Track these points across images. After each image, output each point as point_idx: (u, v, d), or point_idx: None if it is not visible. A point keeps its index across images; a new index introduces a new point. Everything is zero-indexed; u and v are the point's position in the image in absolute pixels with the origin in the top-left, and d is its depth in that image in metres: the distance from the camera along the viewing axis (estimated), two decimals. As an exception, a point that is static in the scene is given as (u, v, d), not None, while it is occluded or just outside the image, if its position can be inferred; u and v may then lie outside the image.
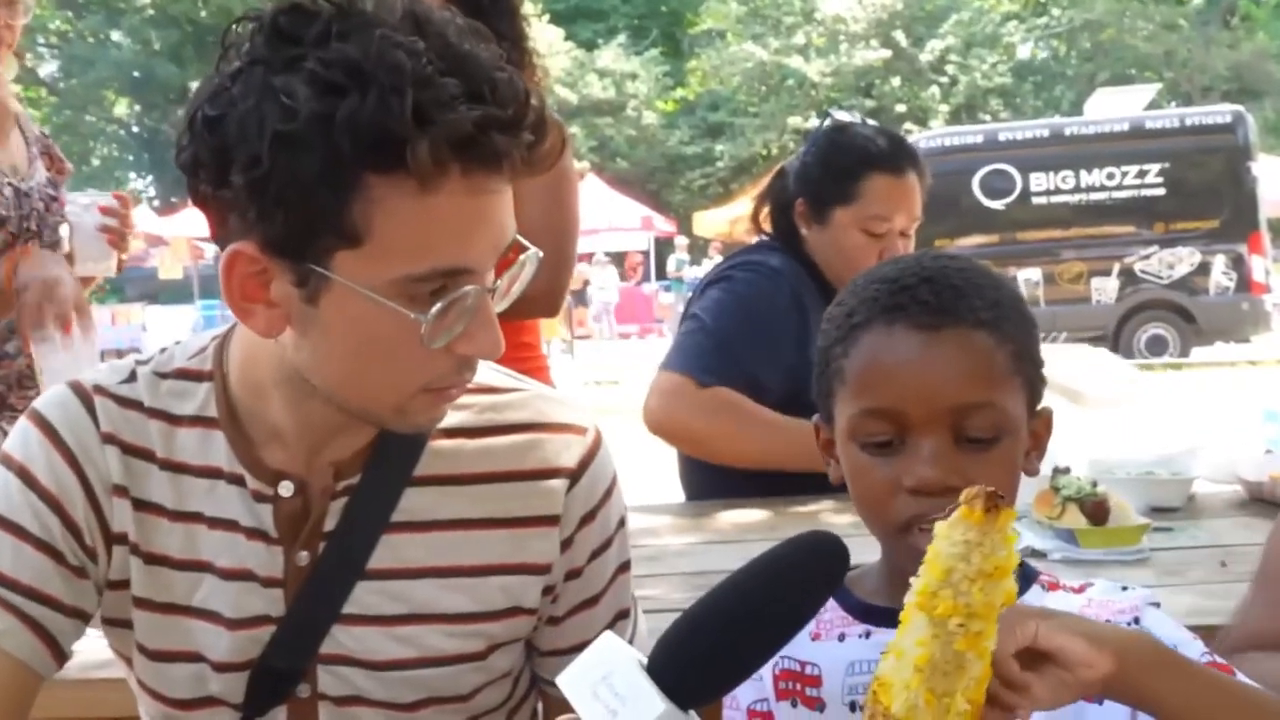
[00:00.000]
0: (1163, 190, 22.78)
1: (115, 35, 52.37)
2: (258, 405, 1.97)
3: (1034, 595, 1.89)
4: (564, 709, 1.86)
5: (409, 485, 2.01)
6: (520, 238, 1.84)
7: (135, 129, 55.70)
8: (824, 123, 4.35)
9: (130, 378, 2.06)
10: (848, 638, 1.88)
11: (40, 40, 49.43)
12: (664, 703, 1.47)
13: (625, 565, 2.19)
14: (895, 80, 49.41)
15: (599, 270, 36.78)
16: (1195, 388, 19.21)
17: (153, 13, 50.76)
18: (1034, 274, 22.81)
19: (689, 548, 3.50)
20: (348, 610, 1.99)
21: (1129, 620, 1.80)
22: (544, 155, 1.77)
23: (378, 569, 1.99)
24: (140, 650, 2.04)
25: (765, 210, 4.36)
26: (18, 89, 4.32)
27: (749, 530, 3.64)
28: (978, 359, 1.79)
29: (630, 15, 56.21)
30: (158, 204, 47.62)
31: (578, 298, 34.31)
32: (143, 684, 2.07)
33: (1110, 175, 22.98)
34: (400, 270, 1.72)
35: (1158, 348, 23.17)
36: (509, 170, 1.73)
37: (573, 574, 2.09)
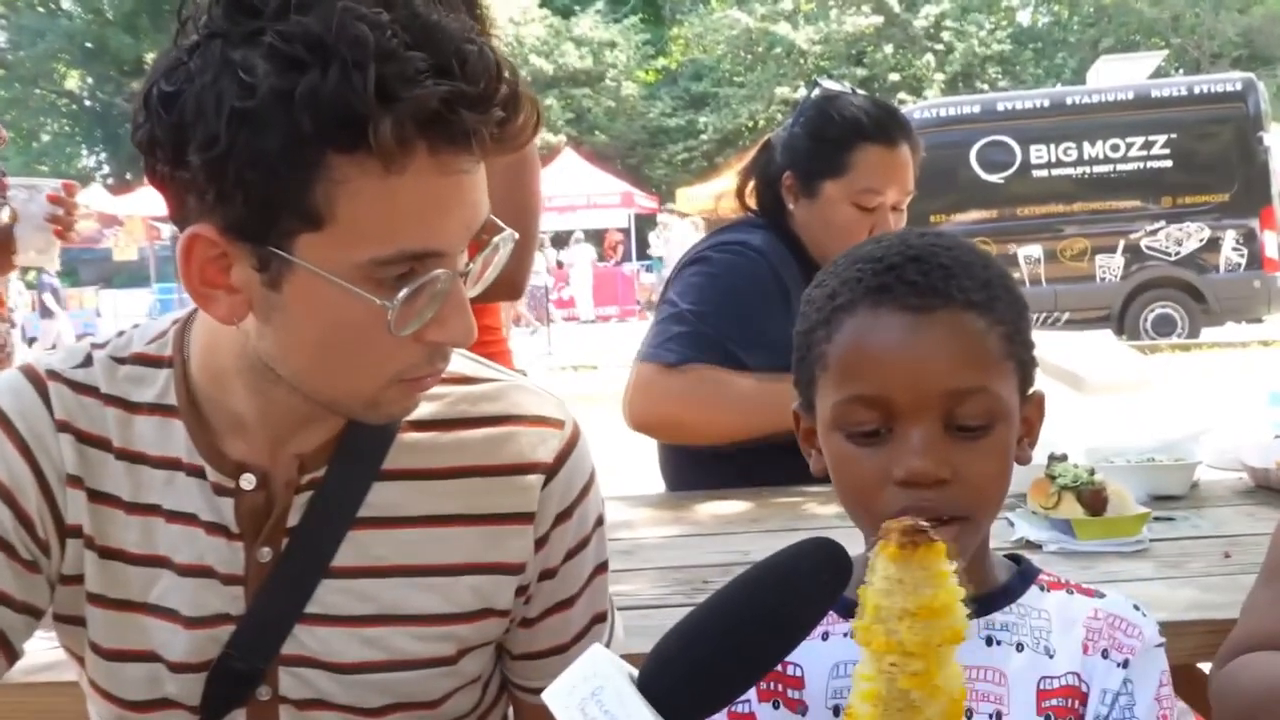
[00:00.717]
0: (1170, 162, 22.75)
1: (65, 3, 52.16)
2: (220, 393, 1.97)
3: (1032, 596, 1.90)
4: (536, 715, 1.87)
5: (377, 479, 2.01)
6: (494, 218, 1.84)
7: (88, 103, 55.54)
8: (812, 93, 4.36)
9: (86, 362, 2.05)
10: (831, 636, 1.87)
11: (-14, 11, 49.29)
12: None
13: (603, 566, 2.19)
14: (888, 47, 49.45)
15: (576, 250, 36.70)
16: (1204, 370, 19.21)
17: (105, -21, 50.60)
18: (1035, 251, 22.79)
19: (667, 541, 3.49)
20: (311, 610, 1.99)
21: (1124, 659, 1.83)
22: (516, 132, 1.75)
23: (343, 567, 1.99)
24: (93, 649, 2.04)
25: (750, 185, 4.36)
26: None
27: (730, 522, 3.64)
28: (969, 342, 1.79)
29: (609, -20, 56.05)
30: (112, 181, 47.54)
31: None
32: (95, 684, 2.07)
33: (1115, 147, 22.94)
34: (366, 254, 1.71)
35: (1165, 328, 23.13)
36: (479, 148, 1.72)
37: (547, 574, 2.10)
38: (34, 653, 2.16)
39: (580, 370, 22.24)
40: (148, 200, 30.14)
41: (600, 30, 52.35)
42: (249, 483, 1.97)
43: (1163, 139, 22.72)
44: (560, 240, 40.83)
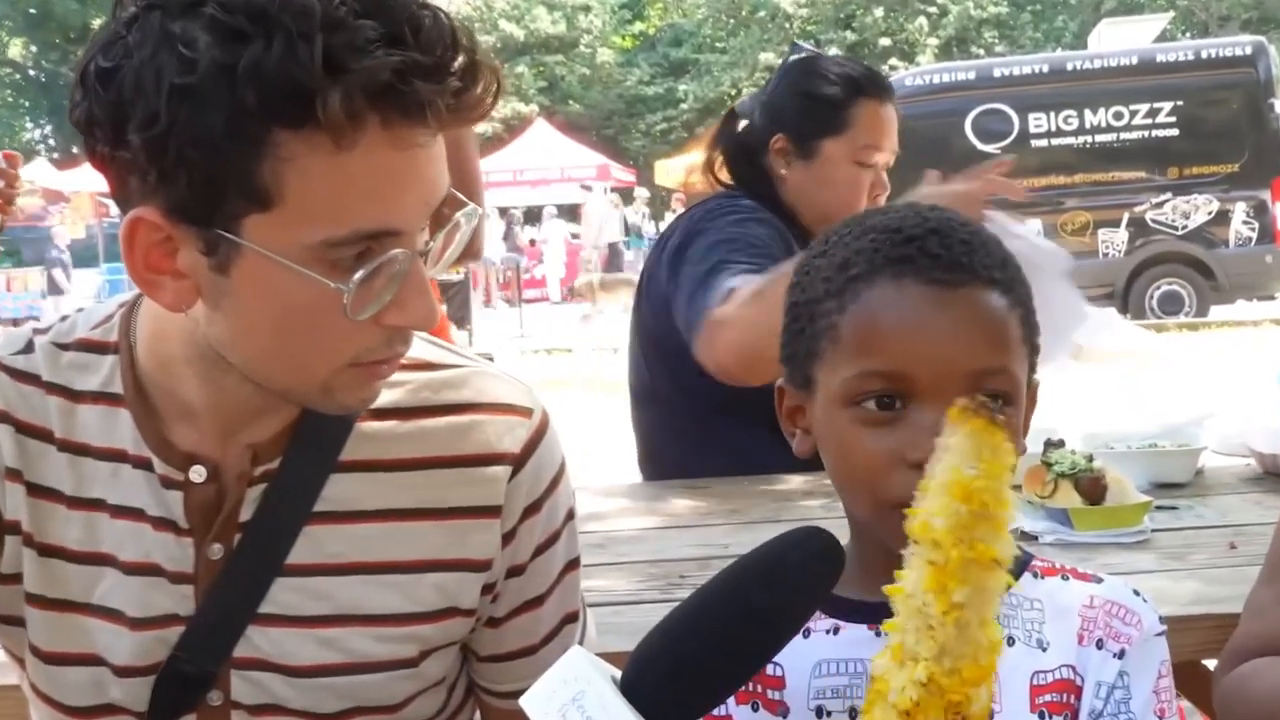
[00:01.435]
0: (1176, 131, 22.78)
1: (6, -34, 51.95)
2: (168, 381, 1.96)
3: (1025, 585, 1.88)
4: (505, 719, 1.87)
5: (334, 471, 2.01)
6: (456, 192, 1.84)
7: (32, 72, 55.36)
8: (790, 55, 4.38)
9: (27, 349, 2.05)
10: (814, 633, 1.85)
11: (-78, -25, 49.12)
12: None
13: (574, 562, 2.19)
14: (878, 10, 49.45)
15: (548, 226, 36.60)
16: (1213, 350, 19.22)
17: (49, -58, 50.39)
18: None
19: (641, 534, 3.50)
20: (265, 609, 1.98)
21: (1120, 650, 1.83)
22: (475, 103, 1.75)
23: (299, 564, 1.99)
24: (33, 651, 2.04)
25: (720, 158, 4.39)
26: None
27: (709, 514, 3.65)
28: (993, 321, 1.79)
29: (583, -60, 55.97)
30: (57, 155, 47.37)
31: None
32: (36, 689, 2.07)
33: (1118, 115, 22.96)
34: (318, 234, 1.70)
35: (1172, 306, 23.15)
36: (435, 121, 1.71)
37: (515, 571, 2.09)
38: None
39: (554, 354, 22.21)
40: (96, 176, 30.01)
41: (574, -7, 52.35)
42: (199, 475, 1.97)
43: (1168, 106, 22.74)
44: (533, 216, 40.82)
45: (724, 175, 4.36)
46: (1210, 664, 2.35)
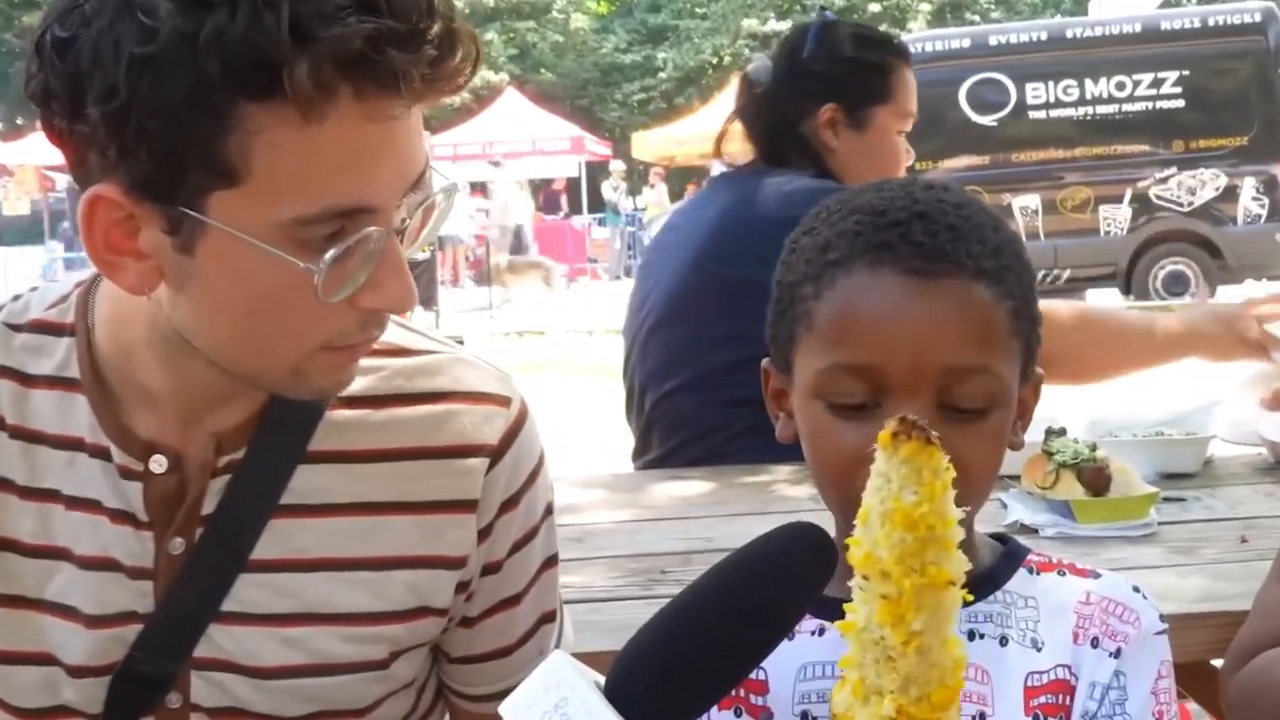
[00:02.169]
0: (1181, 102, 22.69)
1: (-53, -74, 51.68)
2: (128, 365, 1.95)
3: (1020, 581, 1.90)
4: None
5: (302, 462, 2.01)
6: (435, 167, 1.84)
7: (-30, 39, 55.04)
8: (817, 20, 4.39)
9: None
10: (798, 635, 1.84)
11: None
12: None
13: (552, 559, 2.20)
14: (868, -26, 49.37)
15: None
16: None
17: (-7, -102, 50.16)
18: (1032, 201, 22.72)
19: (621, 526, 3.50)
20: (227, 607, 1.98)
21: (1116, 649, 1.84)
22: (452, 73, 1.74)
23: (263, 560, 1.99)
24: (-17, 650, 2.04)
25: (744, 131, 4.38)
26: None
27: (691, 505, 3.65)
28: (975, 316, 1.79)
29: (556, -101, 55.86)
30: (1, 127, 47.15)
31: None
32: (-14, 689, 2.07)
33: (1120, 85, 22.89)
34: (287, 211, 1.70)
35: (1178, 286, 23.06)
36: (410, 92, 1.70)
37: (491, 568, 2.10)
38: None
39: (526, 336, 22.18)
40: (41, 147, 29.92)
41: (547, -45, 52.27)
42: (160, 465, 1.96)
43: (1174, 76, 22.65)
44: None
45: (730, 146, 4.35)
46: (1219, 664, 2.36)
